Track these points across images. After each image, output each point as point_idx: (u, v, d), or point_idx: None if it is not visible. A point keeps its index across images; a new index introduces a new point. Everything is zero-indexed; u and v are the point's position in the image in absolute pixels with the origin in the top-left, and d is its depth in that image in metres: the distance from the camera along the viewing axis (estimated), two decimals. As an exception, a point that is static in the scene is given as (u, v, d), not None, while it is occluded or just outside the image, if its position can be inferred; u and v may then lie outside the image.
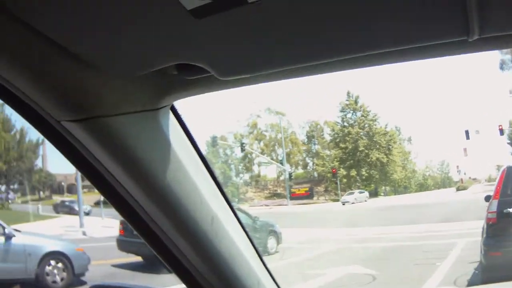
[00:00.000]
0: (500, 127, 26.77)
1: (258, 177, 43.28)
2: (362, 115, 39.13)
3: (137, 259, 11.64)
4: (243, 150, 37.07)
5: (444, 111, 56.49)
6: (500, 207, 7.29)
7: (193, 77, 0.97)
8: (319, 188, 39.50)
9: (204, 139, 33.77)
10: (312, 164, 43.17)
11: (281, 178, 40.91)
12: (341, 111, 39.83)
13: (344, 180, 38.29)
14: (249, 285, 1.39)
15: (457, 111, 56.28)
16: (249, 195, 39.78)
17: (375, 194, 38.06)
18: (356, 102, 39.14)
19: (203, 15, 0.74)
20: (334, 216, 23.89)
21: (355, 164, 38.41)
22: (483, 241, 7.48)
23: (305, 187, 38.30)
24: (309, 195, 37.08)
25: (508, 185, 7.58)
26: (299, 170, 43.88)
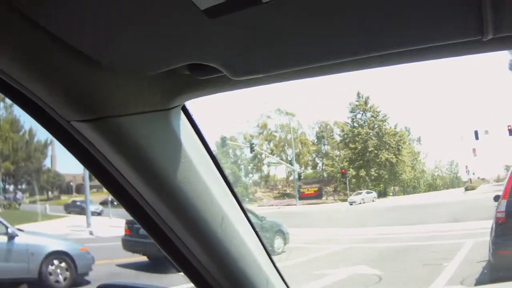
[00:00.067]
0: (509, 128, 26.68)
1: (268, 177, 43.46)
2: (372, 116, 39.29)
3: (143, 259, 11.68)
4: (253, 151, 37.12)
5: (454, 112, 56.26)
6: (509, 207, 7.43)
7: (205, 77, 0.97)
8: (328, 188, 39.56)
9: (214, 140, 33.96)
10: (322, 165, 43.32)
11: (291, 178, 40.99)
12: (351, 112, 40.11)
13: (353, 180, 38.43)
14: (258, 284, 1.39)
15: (467, 112, 55.89)
16: (258, 195, 39.99)
17: (384, 194, 38.09)
18: (366, 103, 39.30)
19: (217, 15, 0.74)
20: (342, 216, 23.93)
21: (365, 165, 38.52)
22: (492, 240, 7.60)
23: (314, 187, 38.31)
24: (318, 195, 37.04)
25: (517, 185, 7.73)
26: (309, 171, 44.12)
